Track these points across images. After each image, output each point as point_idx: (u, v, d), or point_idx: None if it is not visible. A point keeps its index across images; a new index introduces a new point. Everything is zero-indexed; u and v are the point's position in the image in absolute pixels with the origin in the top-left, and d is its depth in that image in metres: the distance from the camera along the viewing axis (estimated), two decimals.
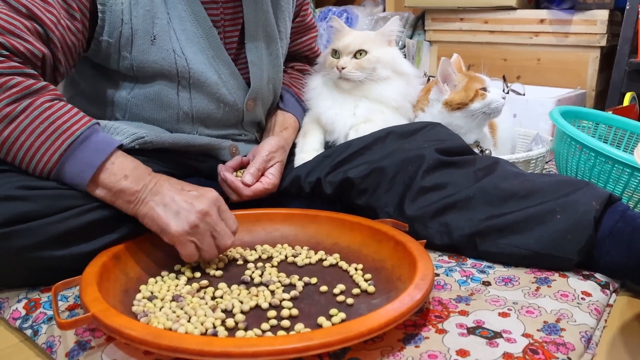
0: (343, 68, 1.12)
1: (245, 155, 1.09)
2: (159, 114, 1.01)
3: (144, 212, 0.82)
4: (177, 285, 0.82)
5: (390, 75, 1.16)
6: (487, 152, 1.22)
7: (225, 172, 1.02)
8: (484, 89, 1.17)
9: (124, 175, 0.82)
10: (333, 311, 0.74)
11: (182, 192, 0.83)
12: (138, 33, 0.94)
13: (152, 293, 0.80)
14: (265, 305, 0.76)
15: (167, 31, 0.96)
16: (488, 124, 1.28)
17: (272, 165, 1.05)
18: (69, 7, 0.87)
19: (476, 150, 1.23)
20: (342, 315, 0.73)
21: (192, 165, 1.08)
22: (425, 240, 0.88)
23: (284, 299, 0.78)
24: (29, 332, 0.77)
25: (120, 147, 0.86)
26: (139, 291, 0.80)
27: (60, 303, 0.81)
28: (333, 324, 0.72)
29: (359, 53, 1.13)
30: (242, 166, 1.06)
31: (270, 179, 1.03)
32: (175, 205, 0.81)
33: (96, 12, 0.91)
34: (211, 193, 0.84)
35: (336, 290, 0.81)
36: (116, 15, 0.92)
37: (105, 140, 0.84)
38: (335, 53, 1.15)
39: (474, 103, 1.16)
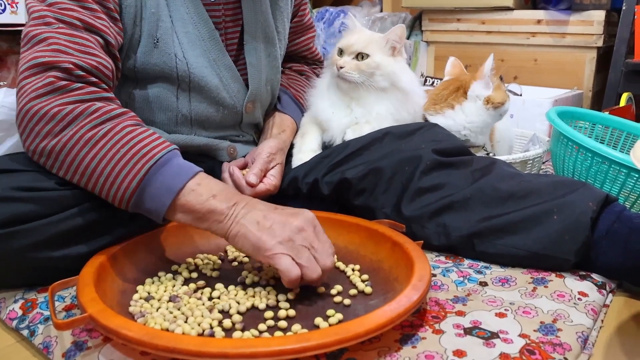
0: (341, 67, 1.11)
1: (244, 157, 1.09)
2: (157, 116, 1.01)
3: (236, 230, 0.76)
4: (174, 286, 0.82)
5: (388, 87, 1.13)
6: (491, 154, 1.23)
7: (233, 167, 1.02)
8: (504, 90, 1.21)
9: (212, 194, 0.78)
10: (330, 312, 0.74)
11: (276, 210, 0.78)
12: (144, 35, 0.95)
13: (149, 293, 0.79)
14: (262, 305, 0.76)
15: (170, 34, 0.96)
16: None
17: (273, 167, 1.05)
18: (108, 10, 0.89)
19: (482, 153, 1.23)
20: (339, 316, 0.73)
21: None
22: (422, 242, 0.88)
23: (280, 300, 0.78)
24: (25, 332, 0.76)
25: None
26: (136, 291, 0.80)
27: (57, 303, 0.81)
28: (330, 325, 0.72)
29: (361, 55, 1.12)
30: (244, 168, 1.06)
31: (272, 180, 1.03)
32: (268, 222, 0.76)
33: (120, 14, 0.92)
34: (307, 212, 0.79)
35: (333, 291, 0.81)
36: (129, 18, 0.93)
37: (186, 165, 0.80)
38: (340, 52, 1.14)
39: (506, 104, 1.20)
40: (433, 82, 1.98)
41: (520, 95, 1.81)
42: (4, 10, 1.59)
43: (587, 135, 1.34)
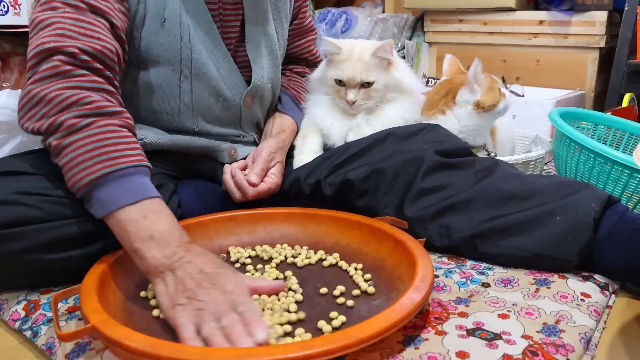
0: (354, 102, 1.11)
1: (245, 158, 1.09)
2: (160, 105, 1.01)
3: (157, 289, 0.73)
4: None
5: (396, 96, 1.15)
6: (492, 154, 1.23)
7: (235, 169, 1.02)
8: (500, 88, 1.19)
9: (149, 235, 0.73)
10: (333, 314, 0.74)
11: (202, 286, 0.69)
12: (149, 13, 0.95)
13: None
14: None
15: (178, 15, 0.97)
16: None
17: (273, 166, 1.05)
18: None
19: (484, 153, 1.23)
20: (343, 318, 0.73)
21: (192, 167, 1.09)
22: (424, 239, 0.88)
23: (289, 302, 0.77)
24: (28, 333, 0.77)
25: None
26: (140, 297, 0.80)
27: (59, 305, 0.81)
28: (333, 328, 0.72)
29: (368, 82, 1.12)
30: (244, 169, 1.06)
31: (273, 178, 1.03)
32: (189, 291, 0.69)
33: None
34: (236, 280, 0.72)
35: (336, 292, 0.81)
36: None
37: (145, 186, 0.78)
38: (340, 82, 1.13)
39: (500, 104, 1.18)
40: (435, 83, 1.97)
41: (523, 96, 1.81)
42: (6, 12, 1.59)
43: (590, 136, 1.33)
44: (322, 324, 0.72)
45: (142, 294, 0.80)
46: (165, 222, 0.76)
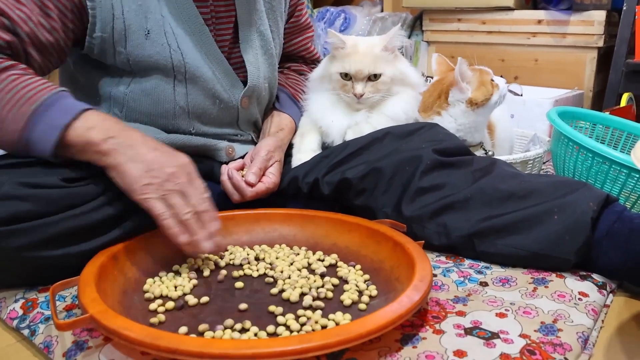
0: (361, 95, 1.11)
1: (243, 157, 1.09)
2: (155, 108, 1.01)
3: (114, 164, 0.81)
4: (176, 287, 0.82)
5: (400, 89, 1.15)
6: (490, 153, 1.23)
7: (232, 170, 1.02)
8: (492, 79, 1.19)
9: (88, 127, 0.81)
10: (338, 313, 0.74)
11: (156, 151, 0.82)
12: (131, 28, 0.94)
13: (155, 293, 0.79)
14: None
15: (162, 25, 0.96)
16: (487, 125, 1.28)
17: (271, 165, 1.05)
18: (43, 5, 0.88)
19: (481, 152, 1.23)
20: (340, 315, 0.73)
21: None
22: (423, 242, 0.88)
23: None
24: (26, 332, 0.76)
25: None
26: (138, 291, 0.80)
27: (57, 303, 0.81)
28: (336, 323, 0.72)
29: (374, 75, 1.11)
30: (241, 169, 1.06)
31: (271, 178, 1.03)
32: (145, 164, 0.80)
33: (86, 10, 0.91)
34: (183, 157, 0.84)
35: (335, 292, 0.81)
36: (106, 11, 0.92)
37: (73, 104, 0.83)
38: (346, 75, 1.12)
39: (494, 96, 1.18)
40: (433, 82, 1.98)
41: (521, 95, 1.81)
42: None
43: (588, 135, 1.34)
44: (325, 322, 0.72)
45: (145, 287, 0.81)
46: (96, 115, 0.83)
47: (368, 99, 1.11)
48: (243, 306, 0.76)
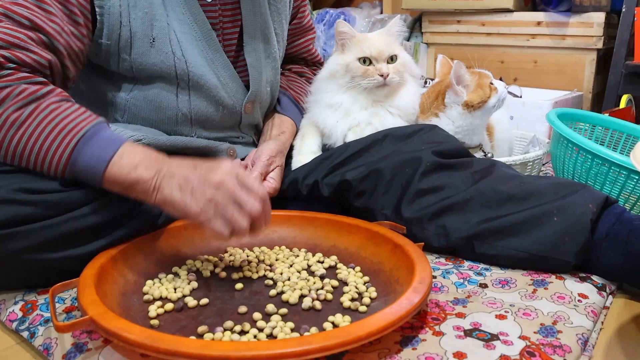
0: (388, 75, 1.11)
1: (243, 159, 1.09)
2: (157, 115, 1.01)
3: (163, 199, 0.79)
4: (176, 289, 0.82)
5: (408, 79, 1.16)
6: (489, 155, 1.23)
7: None
8: (491, 83, 1.20)
9: (134, 165, 0.79)
10: (330, 315, 0.74)
11: (196, 170, 0.80)
12: (137, 35, 0.94)
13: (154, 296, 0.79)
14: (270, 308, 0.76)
15: (167, 33, 0.96)
16: (486, 126, 1.28)
17: (272, 170, 1.05)
18: (71, 12, 0.88)
19: (480, 154, 1.23)
20: (340, 317, 0.73)
21: None
22: (423, 243, 0.88)
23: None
24: (25, 334, 0.76)
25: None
26: (137, 293, 0.80)
27: (57, 305, 0.81)
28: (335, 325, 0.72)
29: (391, 58, 1.13)
30: None
31: (272, 183, 1.03)
32: (189, 185, 0.77)
33: (95, 14, 0.91)
34: (225, 163, 0.80)
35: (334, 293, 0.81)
36: (114, 18, 0.92)
37: (113, 136, 0.82)
38: (365, 61, 1.12)
39: (491, 99, 1.18)
40: (433, 84, 1.98)
41: (520, 97, 1.80)
42: None
43: (587, 137, 1.34)
44: (326, 324, 0.72)
45: (144, 289, 0.81)
46: (139, 152, 0.81)
47: (393, 79, 1.12)
48: (242, 309, 0.76)
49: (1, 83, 0.80)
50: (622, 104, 1.77)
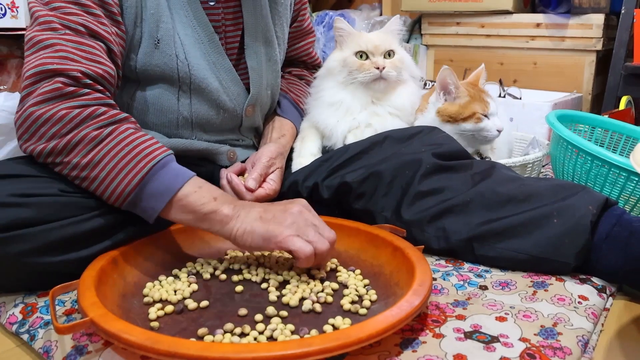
0: (384, 68, 1.11)
1: (244, 161, 1.09)
2: (158, 118, 1.01)
3: (242, 229, 0.81)
4: (176, 291, 0.82)
5: (407, 78, 1.17)
6: (487, 159, 1.23)
7: (231, 174, 1.02)
8: (485, 115, 1.16)
9: (213, 197, 0.82)
10: (330, 317, 0.74)
11: (273, 205, 0.84)
12: (144, 36, 0.95)
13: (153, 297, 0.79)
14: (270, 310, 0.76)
15: (172, 35, 0.96)
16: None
17: (272, 172, 1.05)
18: (111, 13, 0.90)
19: (477, 158, 1.23)
20: (340, 320, 0.73)
21: (190, 169, 1.08)
22: (423, 246, 0.88)
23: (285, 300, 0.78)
24: (25, 336, 0.76)
25: None
26: (137, 295, 0.80)
27: (57, 307, 0.81)
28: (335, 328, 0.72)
29: (388, 53, 1.13)
30: (242, 173, 1.06)
31: (272, 184, 1.03)
32: (269, 214, 0.81)
33: (122, 13, 0.93)
34: (300, 200, 0.86)
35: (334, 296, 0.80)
36: (131, 18, 0.93)
37: (183, 168, 0.85)
38: (362, 56, 1.13)
39: (465, 123, 1.15)
40: (432, 86, 1.98)
41: (520, 98, 1.81)
42: (4, 15, 1.59)
43: (587, 138, 1.34)
44: (326, 327, 0.72)
45: (144, 291, 0.81)
46: (214, 188, 0.85)
47: (389, 73, 1.12)
48: (243, 311, 0.76)
49: (83, 101, 0.82)
50: (622, 105, 1.77)
